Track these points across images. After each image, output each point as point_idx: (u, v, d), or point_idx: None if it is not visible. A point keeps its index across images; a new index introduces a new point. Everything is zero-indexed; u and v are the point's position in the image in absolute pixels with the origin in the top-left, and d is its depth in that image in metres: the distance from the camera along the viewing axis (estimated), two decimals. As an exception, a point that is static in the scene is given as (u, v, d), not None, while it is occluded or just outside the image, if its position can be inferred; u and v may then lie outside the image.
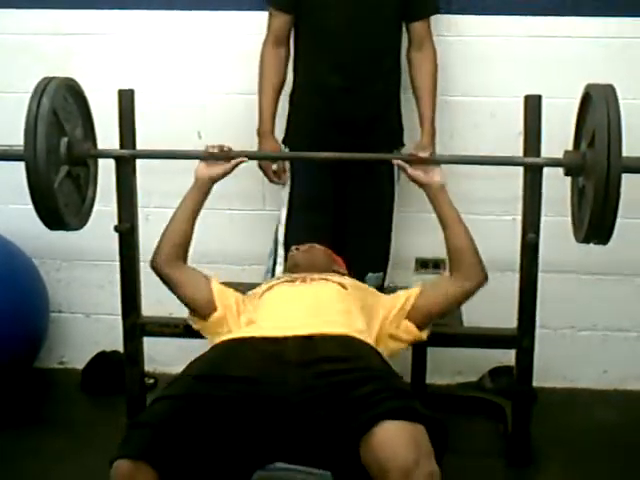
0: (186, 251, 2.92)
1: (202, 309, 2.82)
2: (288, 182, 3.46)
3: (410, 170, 2.86)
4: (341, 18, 3.25)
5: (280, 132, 3.46)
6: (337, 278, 2.84)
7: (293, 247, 3.17)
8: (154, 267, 2.90)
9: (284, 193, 3.48)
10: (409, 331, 2.77)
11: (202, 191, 2.92)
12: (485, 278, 2.81)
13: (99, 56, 3.77)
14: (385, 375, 2.30)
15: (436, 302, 2.80)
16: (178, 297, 2.89)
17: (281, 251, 3.44)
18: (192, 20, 3.71)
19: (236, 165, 2.93)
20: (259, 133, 3.42)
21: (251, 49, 3.43)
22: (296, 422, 2.14)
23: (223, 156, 2.91)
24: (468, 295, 2.84)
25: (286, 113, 3.45)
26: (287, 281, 2.85)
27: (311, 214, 3.43)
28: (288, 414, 2.15)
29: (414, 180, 2.87)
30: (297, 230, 3.43)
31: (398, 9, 3.31)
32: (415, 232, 3.68)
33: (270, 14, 3.37)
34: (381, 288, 3.40)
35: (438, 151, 3.35)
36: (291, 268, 3.07)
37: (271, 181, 3.50)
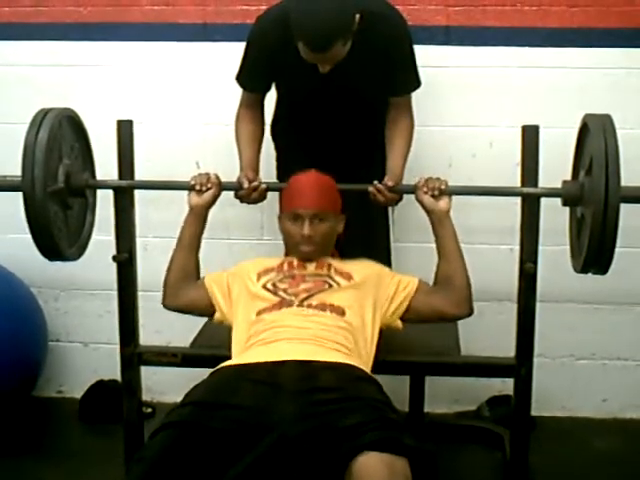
0: (195, 280, 2.97)
1: (207, 313, 2.93)
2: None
3: (420, 193, 2.86)
4: (322, 102, 3.15)
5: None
6: (336, 300, 2.75)
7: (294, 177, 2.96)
8: (166, 307, 2.97)
9: None
10: (395, 325, 2.86)
11: (199, 218, 2.96)
12: (470, 312, 2.86)
13: (98, 87, 3.79)
14: (376, 404, 2.30)
15: (425, 310, 2.85)
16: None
17: None
18: (191, 51, 3.74)
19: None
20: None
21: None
22: (288, 451, 2.15)
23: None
24: (449, 319, 2.93)
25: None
26: (283, 294, 2.78)
27: None
28: (280, 444, 2.15)
29: (421, 203, 2.87)
30: None
31: (380, 89, 3.13)
32: (413, 262, 3.67)
33: None
34: None
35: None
36: (299, 254, 2.90)
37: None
